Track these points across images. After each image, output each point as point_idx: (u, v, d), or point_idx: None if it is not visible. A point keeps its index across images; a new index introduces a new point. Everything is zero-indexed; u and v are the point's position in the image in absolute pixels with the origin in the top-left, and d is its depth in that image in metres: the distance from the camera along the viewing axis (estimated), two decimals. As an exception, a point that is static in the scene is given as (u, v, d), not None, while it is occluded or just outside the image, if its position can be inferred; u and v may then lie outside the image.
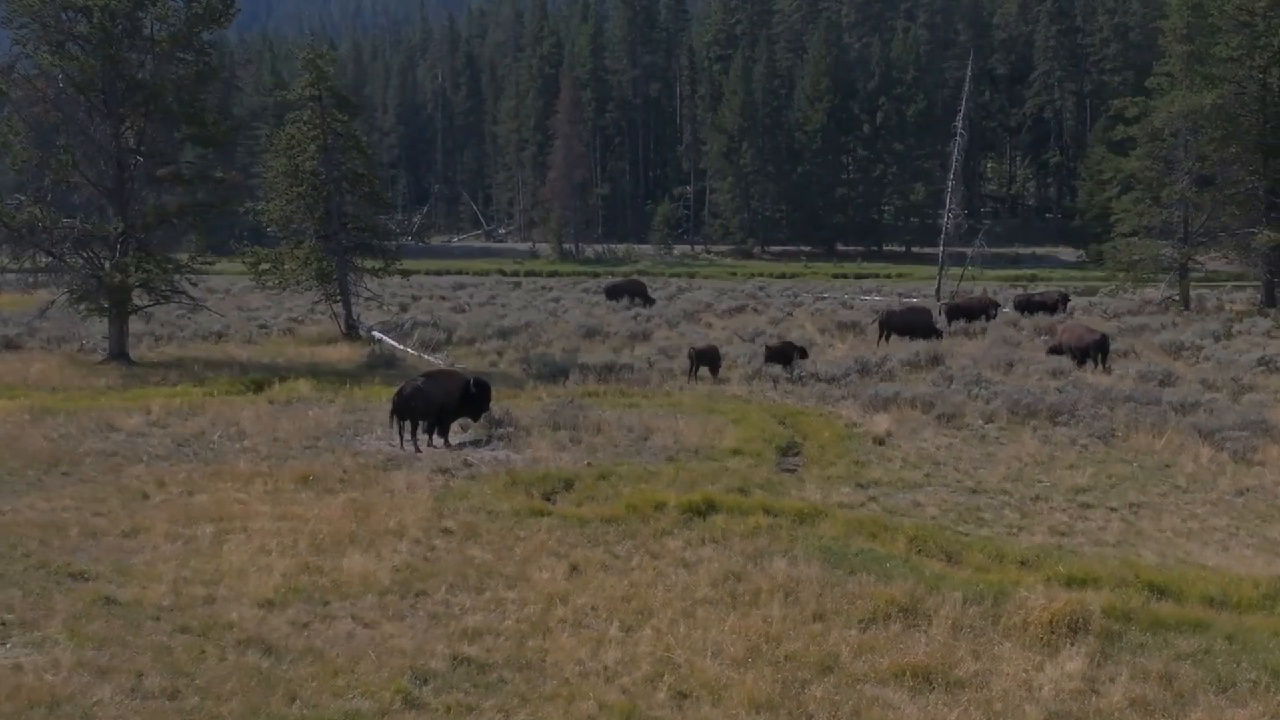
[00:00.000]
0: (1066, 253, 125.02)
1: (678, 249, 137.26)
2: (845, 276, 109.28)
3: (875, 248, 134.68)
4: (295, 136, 46.75)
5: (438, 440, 27.71)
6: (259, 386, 35.34)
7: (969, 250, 77.29)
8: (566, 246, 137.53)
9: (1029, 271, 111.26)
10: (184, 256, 42.66)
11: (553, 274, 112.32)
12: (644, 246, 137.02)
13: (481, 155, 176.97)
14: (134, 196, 40.03)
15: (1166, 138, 64.76)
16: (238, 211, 44.22)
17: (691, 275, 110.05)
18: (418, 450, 26.82)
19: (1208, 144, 63.53)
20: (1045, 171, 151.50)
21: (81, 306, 40.19)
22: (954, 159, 76.51)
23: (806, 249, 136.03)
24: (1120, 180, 72.74)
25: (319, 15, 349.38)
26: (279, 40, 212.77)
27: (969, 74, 78.29)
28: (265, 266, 45.97)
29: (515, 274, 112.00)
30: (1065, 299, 55.83)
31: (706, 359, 36.66)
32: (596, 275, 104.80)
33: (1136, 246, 65.26)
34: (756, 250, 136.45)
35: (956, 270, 79.22)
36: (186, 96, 40.04)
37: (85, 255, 39.02)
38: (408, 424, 27.37)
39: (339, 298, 47.46)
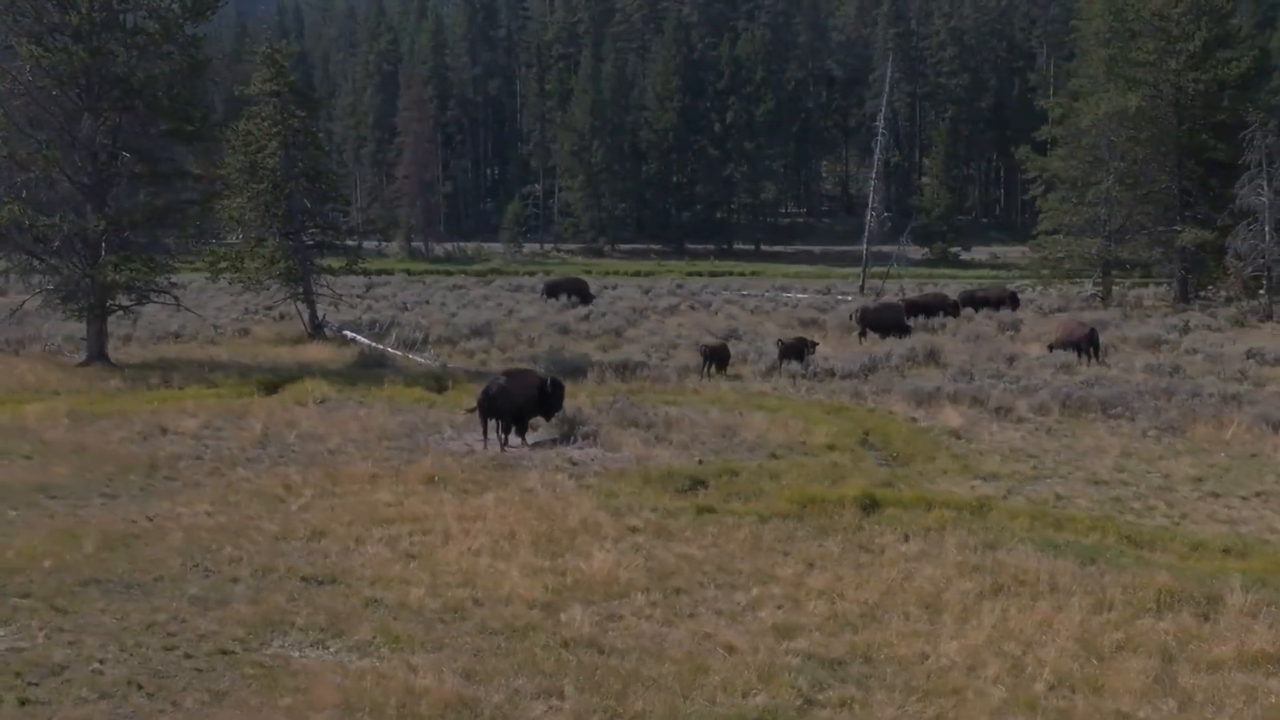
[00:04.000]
0: (913, 251, 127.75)
1: (527, 247, 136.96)
2: (700, 274, 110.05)
3: (725, 246, 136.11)
4: (253, 133, 45.72)
5: (514, 439, 27.48)
6: (270, 388, 34.59)
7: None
8: (416, 245, 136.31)
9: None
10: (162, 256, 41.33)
11: (371, 272, 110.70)
12: (494, 245, 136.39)
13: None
14: (112, 193, 38.75)
15: (1092, 137, 67.00)
16: (214, 209, 43.02)
17: (547, 272, 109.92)
18: (502, 449, 26.67)
19: (1130, 144, 65.92)
20: (886, 171, 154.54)
21: (65, 307, 38.82)
22: (876, 158, 78.04)
23: (656, 247, 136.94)
24: (1045, 179, 75.07)
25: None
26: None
27: (889, 74, 79.84)
28: (224, 265, 44.84)
29: (366, 272, 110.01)
30: (1014, 296, 57.23)
31: (717, 356, 36.99)
32: (449, 274, 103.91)
33: (1061, 244, 67.46)
34: (607, 249, 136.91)
35: (880, 269, 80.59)
36: (176, 91, 38.91)
37: (72, 255, 37.66)
38: (492, 422, 27.14)
39: (303, 297, 46.55)
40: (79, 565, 17.75)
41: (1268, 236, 56.81)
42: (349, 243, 49.30)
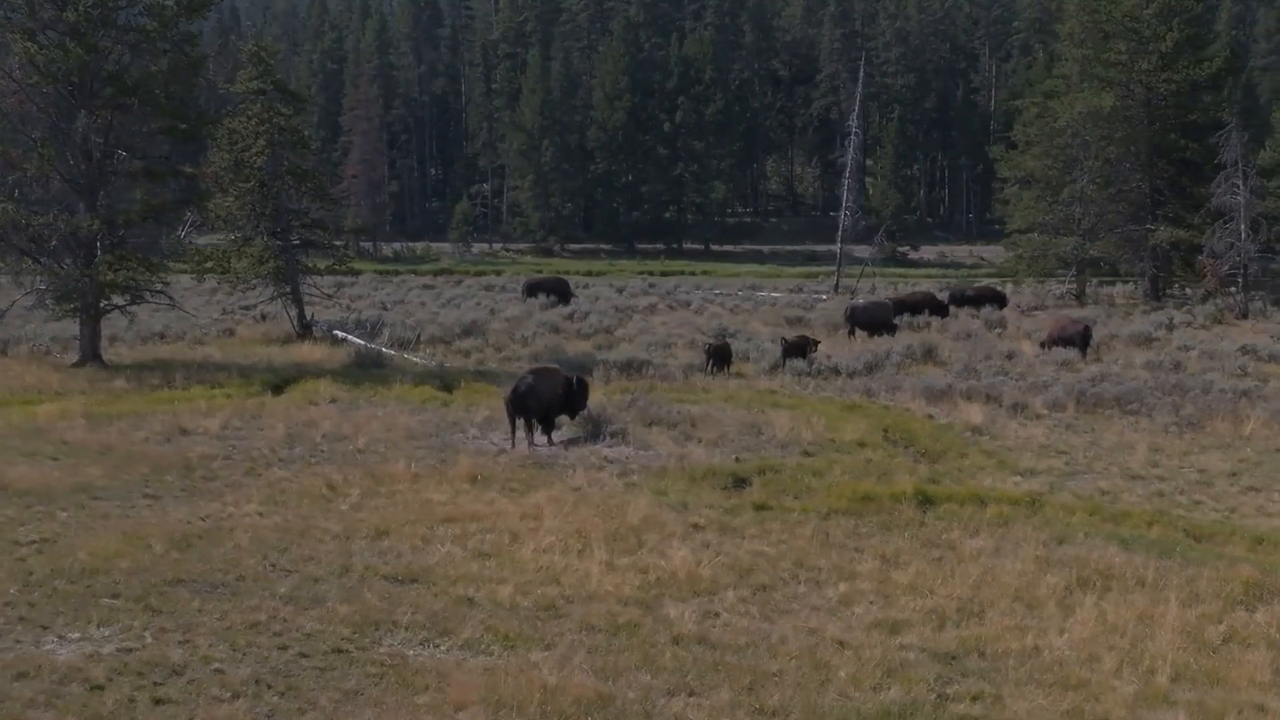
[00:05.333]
0: (861, 250, 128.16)
1: (476, 247, 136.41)
2: (651, 274, 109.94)
3: (675, 245, 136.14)
4: (239, 130, 45.29)
5: (540, 438, 27.41)
6: (275, 388, 34.29)
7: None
8: (365, 245, 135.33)
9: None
10: (156, 256, 40.89)
11: (359, 272, 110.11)
12: (442, 245, 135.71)
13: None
14: (104, 193, 38.32)
15: (1066, 137, 67.70)
16: (208, 208, 42.58)
17: (498, 273, 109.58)
18: (531, 447, 26.61)
19: (1103, 143, 66.63)
20: (833, 171, 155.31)
21: (59, 307, 38.34)
22: (849, 158, 78.34)
23: (606, 247, 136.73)
24: (1019, 179, 75.75)
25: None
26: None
27: (861, 74, 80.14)
28: (209, 265, 44.39)
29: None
30: (1002, 295, 57.58)
31: (720, 354, 37.07)
32: (397, 273, 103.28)
33: (1036, 243, 68.14)
34: (557, 248, 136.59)
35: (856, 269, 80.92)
36: (172, 89, 38.52)
37: (68, 254, 37.20)
38: (521, 421, 27.08)
39: (290, 297, 46.18)
40: (155, 566, 17.61)
41: (1243, 235, 57.54)
42: (336, 243, 48.84)
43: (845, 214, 78.26)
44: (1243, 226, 57.47)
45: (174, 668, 13.93)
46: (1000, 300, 56.25)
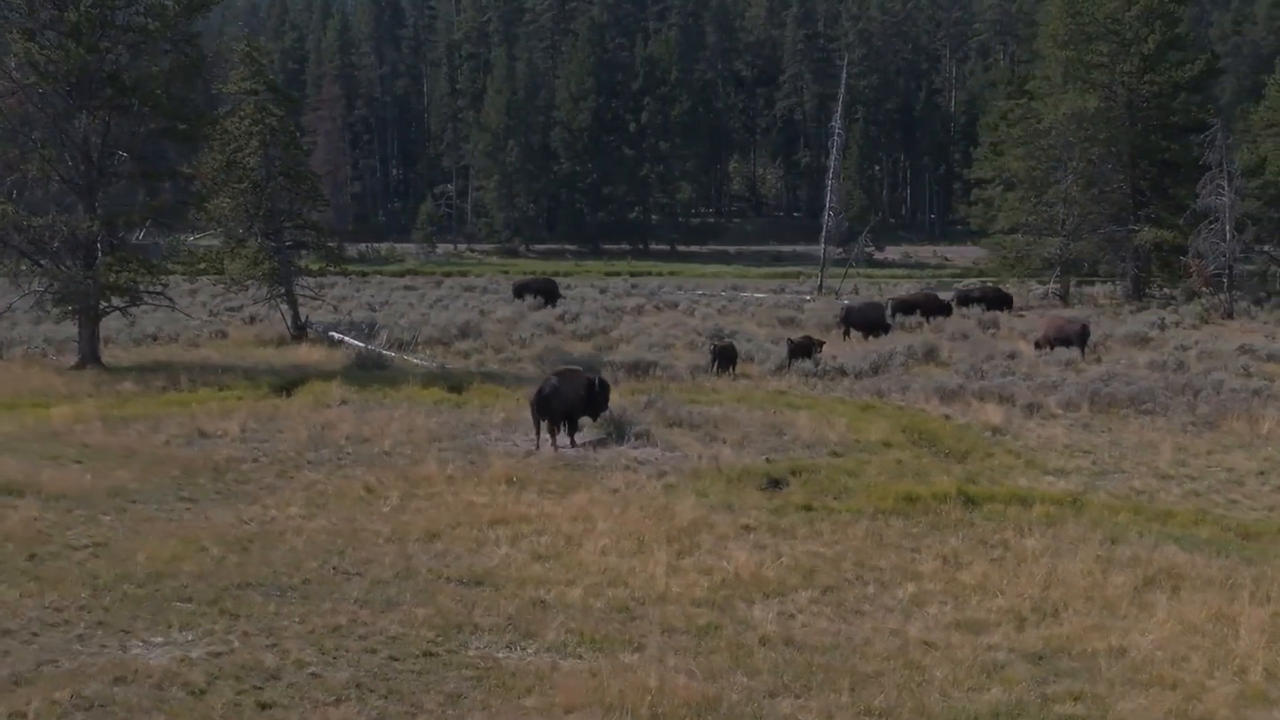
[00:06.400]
0: (833, 250, 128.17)
1: (441, 247, 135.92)
2: (618, 274, 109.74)
3: (641, 246, 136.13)
4: (231, 131, 44.95)
5: (562, 439, 27.34)
6: (282, 390, 34.04)
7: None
8: (330, 245, 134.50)
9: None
10: (156, 258, 40.59)
11: (323, 272, 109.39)
12: (406, 245, 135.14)
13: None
14: (102, 194, 38.00)
15: (1051, 138, 68.13)
16: (207, 209, 42.25)
17: (464, 273, 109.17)
18: (556, 449, 26.55)
19: (1088, 144, 67.10)
20: (796, 172, 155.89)
21: (59, 309, 38.00)
22: (834, 158, 78.57)
23: (572, 247, 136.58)
24: (1001, 179, 76.15)
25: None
26: None
27: (844, 76, 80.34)
28: (202, 266, 44.05)
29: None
30: (1009, 297, 57.81)
31: (726, 355, 37.11)
32: (364, 274, 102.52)
33: (1021, 243, 68.62)
34: (522, 249, 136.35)
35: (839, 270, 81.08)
36: (173, 90, 38.21)
37: (69, 256, 36.88)
38: (545, 423, 27.03)
39: (285, 298, 45.89)
40: (218, 570, 17.51)
41: (1229, 236, 58.08)
42: (330, 244, 48.57)
43: (829, 214, 78.48)
44: (1228, 227, 57.97)
45: (269, 672, 13.84)
46: (1006, 302, 56.36)
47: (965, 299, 55.88)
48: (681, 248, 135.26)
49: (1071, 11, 68.77)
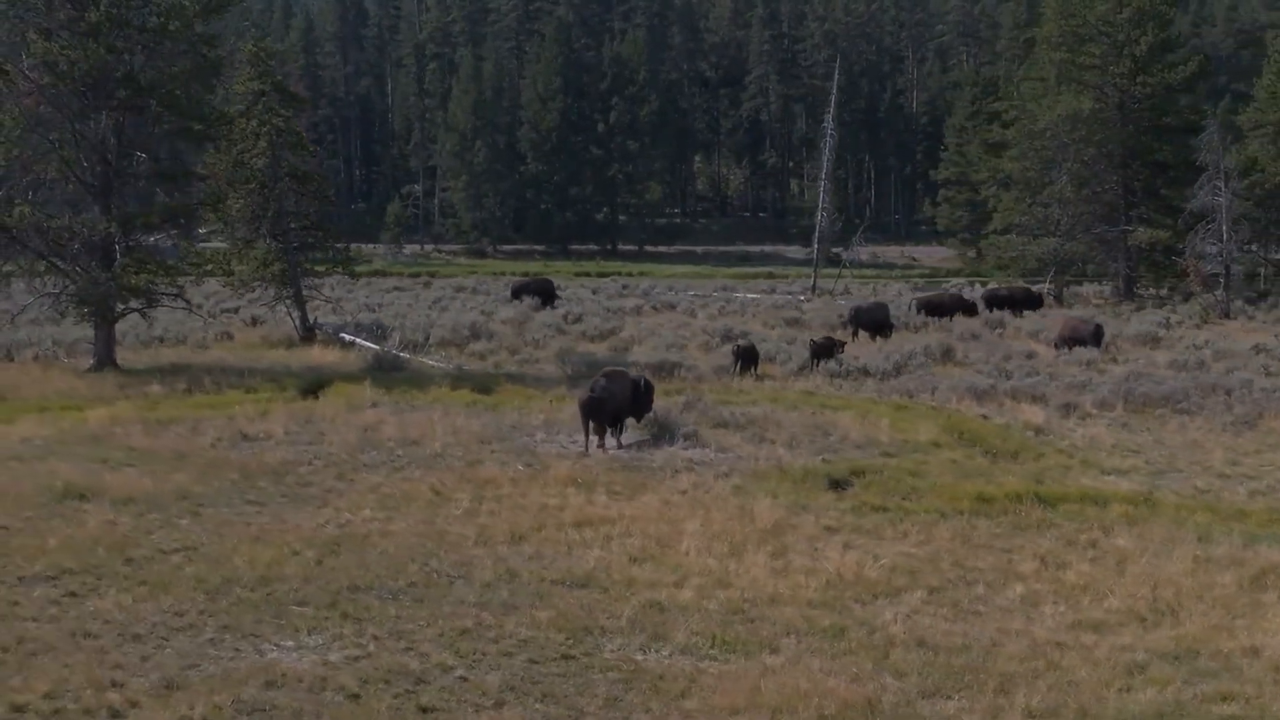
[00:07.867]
0: (795, 250, 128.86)
1: (408, 248, 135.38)
2: (588, 275, 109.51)
3: (610, 246, 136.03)
4: (238, 132, 44.54)
5: (610, 440, 27.26)
6: (309, 392, 33.72)
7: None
8: (338, 246, 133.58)
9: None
10: (173, 259, 40.23)
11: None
12: (374, 246, 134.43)
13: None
14: (120, 194, 37.67)
15: (1045, 139, 68.57)
16: (220, 210, 41.87)
17: (433, 274, 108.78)
18: (603, 450, 26.49)
19: (1082, 145, 67.57)
20: (762, 173, 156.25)
21: (76, 311, 37.64)
22: (825, 159, 78.78)
23: (540, 248, 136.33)
24: (999, 180, 76.58)
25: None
26: None
27: (836, 76, 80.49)
28: (210, 268, 43.58)
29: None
30: (1039, 297, 57.81)
31: (748, 356, 37.12)
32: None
33: (1015, 243, 69.09)
34: (490, 249, 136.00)
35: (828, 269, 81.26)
36: (192, 90, 37.91)
37: (87, 258, 36.53)
38: (593, 424, 26.95)
39: (293, 299, 45.58)
40: (321, 573, 17.41)
41: (1226, 236, 58.59)
42: (337, 245, 48.28)
43: (822, 215, 78.71)
44: (1225, 228, 58.48)
45: (416, 675, 13.77)
46: (1036, 302, 56.22)
47: (993, 300, 55.64)
48: (649, 248, 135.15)
49: (1064, 14, 69.29)
